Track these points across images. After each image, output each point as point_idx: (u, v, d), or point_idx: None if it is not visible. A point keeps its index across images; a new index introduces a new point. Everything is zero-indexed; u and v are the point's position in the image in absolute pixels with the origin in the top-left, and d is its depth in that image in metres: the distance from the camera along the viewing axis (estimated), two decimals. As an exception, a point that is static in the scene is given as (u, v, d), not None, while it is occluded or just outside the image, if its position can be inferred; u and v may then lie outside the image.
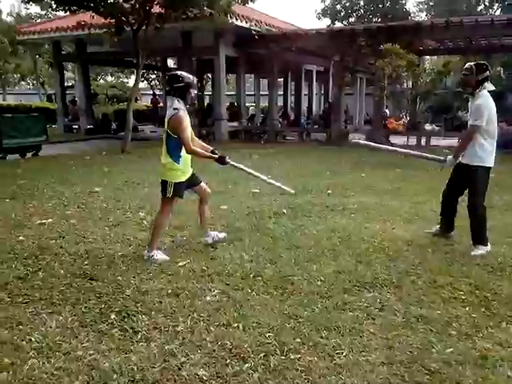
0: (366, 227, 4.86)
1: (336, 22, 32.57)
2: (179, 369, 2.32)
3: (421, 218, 5.28)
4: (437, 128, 17.99)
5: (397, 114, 21.30)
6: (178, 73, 3.86)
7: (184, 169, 3.83)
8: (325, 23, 34.54)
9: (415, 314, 2.90)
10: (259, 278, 3.42)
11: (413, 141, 13.75)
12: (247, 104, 18.98)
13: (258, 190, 6.64)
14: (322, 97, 22.96)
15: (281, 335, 2.63)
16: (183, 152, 3.76)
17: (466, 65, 4.11)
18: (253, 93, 20.45)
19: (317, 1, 63.92)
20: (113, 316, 2.82)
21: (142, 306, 2.94)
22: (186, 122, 3.69)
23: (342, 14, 32.89)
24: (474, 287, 3.32)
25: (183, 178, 3.82)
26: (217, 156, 4.03)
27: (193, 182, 3.97)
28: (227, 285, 3.32)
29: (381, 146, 4.98)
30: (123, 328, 2.70)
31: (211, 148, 4.15)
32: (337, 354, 2.46)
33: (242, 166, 4.67)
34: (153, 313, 2.87)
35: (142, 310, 2.90)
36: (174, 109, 3.69)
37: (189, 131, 3.74)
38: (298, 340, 2.59)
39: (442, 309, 2.98)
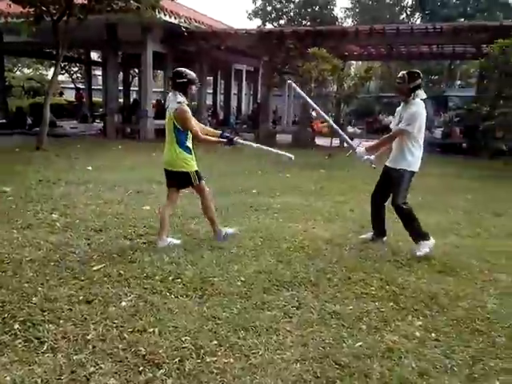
0: (289, 227, 4.96)
1: (267, 24, 33.06)
2: (88, 379, 2.21)
3: (341, 218, 5.48)
4: (359, 130, 18.89)
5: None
6: (182, 69, 4.09)
7: (194, 157, 4.15)
8: (256, 24, 34.97)
9: (329, 311, 3.00)
10: (179, 280, 3.36)
11: (337, 142, 14.29)
12: (176, 102, 18.62)
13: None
14: (251, 97, 23.19)
15: (198, 338, 2.60)
16: (189, 142, 4.07)
17: (400, 73, 4.22)
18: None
19: (249, 1, 64.29)
20: (16, 326, 2.63)
21: (50, 315, 2.76)
22: (190, 112, 3.99)
23: (273, 15, 33.44)
24: (385, 282, 3.50)
25: (196, 166, 4.14)
26: (225, 140, 4.27)
27: None
28: (145, 289, 3.22)
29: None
30: (28, 338, 2.52)
31: (219, 132, 4.43)
32: (253, 353, 2.48)
33: (248, 143, 4.67)
34: (61, 321, 2.70)
35: (50, 318, 2.72)
36: (178, 102, 3.94)
37: (193, 121, 4.04)
38: (215, 342, 2.58)
39: (355, 304, 3.11)
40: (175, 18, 13.50)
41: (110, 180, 7.04)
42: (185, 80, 3.99)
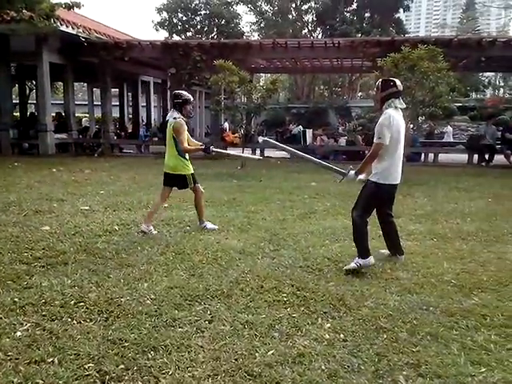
0: (201, 239, 4.88)
1: (174, 35, 32.86)
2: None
3: (253, 227, 5.51)
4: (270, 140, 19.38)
5: (235, 127, 22.37)
6: (179, 92, 5.05)
7: (189, 163, 5.08)
8: (163, 35, 34.55)
9: (242, 321, 2.98)
10: (81, 304, 3.13)
11: (248, 152, 14.51)
12: (80, 114, 17.74)
13: (87, 208, 6.19)
14: (161, 109, 22.81)
15: (103, 364, 2.43)
16: None
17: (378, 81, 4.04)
18: (86, 103, 19.26)
19: (154, 12, 63.42)
20: None
21: None
22: (184, 127, 4.87)
23: (179, 27, 33.34)
24: (296, 288, 3.56)
25: (192, 170, 5.09)
26: (203, 147, 5.04)
27: None
28: (43, 316, 2.96)
29: (288, 148, 5.01)
30: None
31: (202, 143, 5.37)
32: (162, 374, 2.37)
33: (225, 151, 5.30)
34: None
35: None
36: (174, 118, 4.89)
37: (185, 135, 4.89)
38: (122, 366, 2.43)
39: (267, 312, 3.13)
40: (73, 28, 12.90)
41: (4, 201, 6.45)
42: (180, 100, 4.92)
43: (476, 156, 13.45)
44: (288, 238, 5.06)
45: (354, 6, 32.39)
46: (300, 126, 16.73)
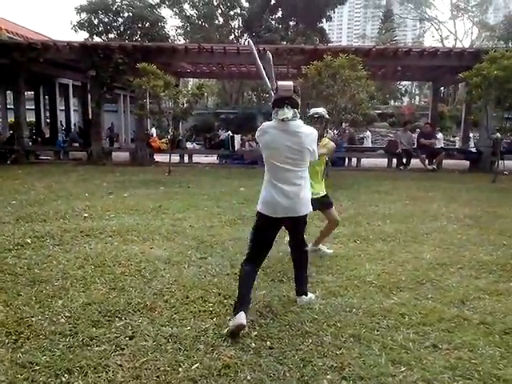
0: (124, 250, 4.65)
1: (94, 37, 31.53)
2: None
3: (180, 235, 5.36)
4: (198, 146, 19.21)
5: (162, 132, 21.87)
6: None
7: None
8: (83, 36, 33.04)
9: (166, 335, 2.85)
10: (-15, 328, 2.84)
11: (176, 158, 14.26)
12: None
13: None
14: (81, 113, 21.78)
15: (8, 393, 2.20)
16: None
17: None
18: (-2, 106, 17.90)
19: (73, 13, 60.46)
20: None
21: None
22: None
23: (101, 29, 32.05)
24: (223, 297, 3.49)
25: None
26: None
27: None
28: None
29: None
30: None
31: None
32: (76, 400, 2.19)
33: None
34: None
35: None
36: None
37: None
38: (31, 394, 2.21)
39: (192, 324, 3.02)
40: (-20, 27, 11.94)
41: None
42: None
43: (395, 160, 14.23)
44: (216, 245, 4.98)
45: (280, 14, 33.14)
46: (229, 132, 16.73)
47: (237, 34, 35.25)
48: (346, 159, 15.07)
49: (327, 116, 4.45)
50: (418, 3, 47.04)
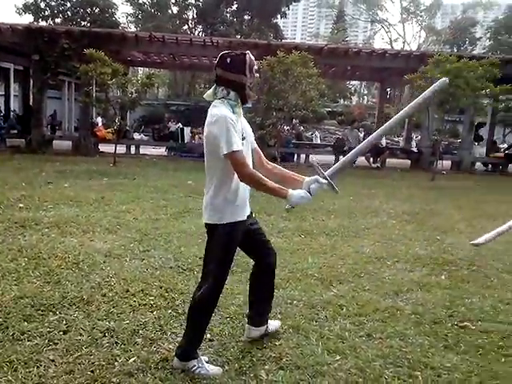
0: (62, 242, 4.47)
1: (40, 21, 30.02)
2: None
3: (123, 227, 5.23)
4: (146, 137, 18.78)
5: (108, 121, 21.20)
6: None
7: None
8: (27, 20, 31.37)
9: (102, 329, 2.77)
10: None
11: (122, 149, 13.88)
12: None
13: None
14: (22, 98, 20.66)
15: None
16: None
17: None
18: None
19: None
20: None
21: None
22: None
23: (47, 12, 30.57)
24: (164, 290, 3.44)
25: None
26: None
27: None
28: None
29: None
30: None
31: None
32: (2, 397, 2.09)
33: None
34: None
35: None
36: None
37: None
38: (-49, 393, 2.08)
39: (131, 318, 2.96)
40: None
41: None
42: None
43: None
44: (160, 238, 4.90)
45: (235, 7, 32.99)
46: (180, 124, 16.50)
47: (191, 25, 34.74)
48: (296, 155, 15.30)
49: None
50: (370, 5, 48.42)
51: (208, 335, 2.80)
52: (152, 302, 3.22)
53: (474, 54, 13.37)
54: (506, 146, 19.08)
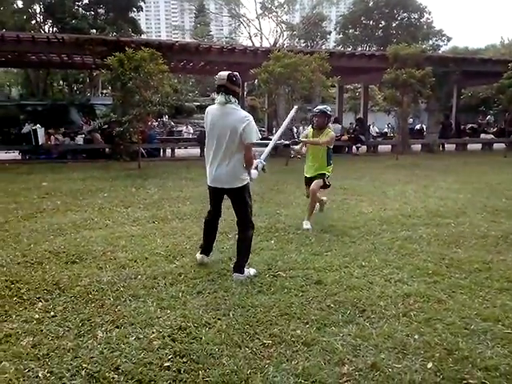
0: None
1: None
2: None
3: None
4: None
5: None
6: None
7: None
8: None
9: None
10: None
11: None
12: None
13: None
14: None
15: None
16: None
17: None
18: None
19: None
20: None
21: None
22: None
23: None
24: (10, 282, 3.64)
25: None
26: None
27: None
28: None
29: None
30: None
31: None
32: None
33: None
34: None
35: None
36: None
37: None
38: None
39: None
40: None
41: None
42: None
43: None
44: (9, 238, 4.96)
45: (86, 0, 31.46)
46: (32, 125, 15.54)
47: (39, 20, 32.27)
48: (161, 150, 15.54)
49: (329, 112, 5.73)
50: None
51: (51, 313, 3.11)
52: (-5, 293, 3.40)
53: (314, 50, 14.84)
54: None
